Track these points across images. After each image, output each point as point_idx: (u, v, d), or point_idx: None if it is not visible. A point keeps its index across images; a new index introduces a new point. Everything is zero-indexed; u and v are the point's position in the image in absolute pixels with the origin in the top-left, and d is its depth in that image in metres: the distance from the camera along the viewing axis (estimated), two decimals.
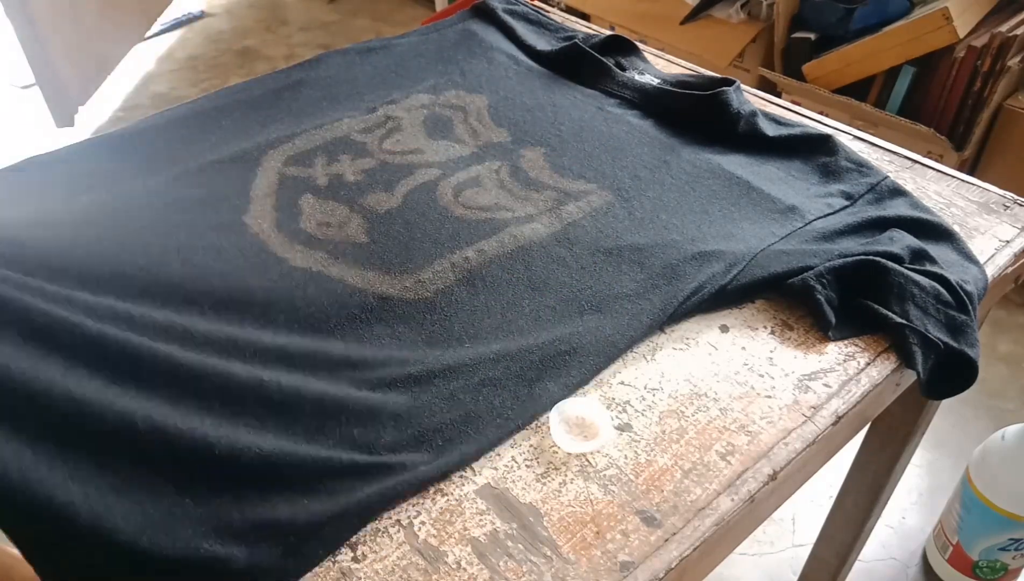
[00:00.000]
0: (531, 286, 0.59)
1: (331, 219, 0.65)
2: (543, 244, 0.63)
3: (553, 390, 0.52)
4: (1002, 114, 1.71)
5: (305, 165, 0.71)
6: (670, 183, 0.70)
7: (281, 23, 3.11)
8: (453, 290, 0.59)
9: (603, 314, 0.57)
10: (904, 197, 0.68)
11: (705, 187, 0.70)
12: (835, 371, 0.55)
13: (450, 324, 0.56)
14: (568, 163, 0.72)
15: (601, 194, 0.69)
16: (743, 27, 1.99)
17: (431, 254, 0.62)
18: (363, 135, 0.75)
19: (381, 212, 0.66)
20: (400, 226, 0.64)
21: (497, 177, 0.71)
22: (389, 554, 0.44)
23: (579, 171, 0.71)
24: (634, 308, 0.57)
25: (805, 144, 0.74)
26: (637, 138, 0.76)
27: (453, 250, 0.62)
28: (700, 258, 0.60)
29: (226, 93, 0.82)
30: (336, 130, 0.75)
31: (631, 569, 0.43)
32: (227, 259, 0.59)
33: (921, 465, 1.50)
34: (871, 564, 1.34)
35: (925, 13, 1.68)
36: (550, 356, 0.54)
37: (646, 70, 0.87)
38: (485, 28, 0.94)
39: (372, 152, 0.73)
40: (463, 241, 0.63)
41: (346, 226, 0.64)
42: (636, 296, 0.58)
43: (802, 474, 0.53)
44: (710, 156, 0.73)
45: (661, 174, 0.71)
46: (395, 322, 0.56)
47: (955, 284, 0.58)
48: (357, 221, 0.65)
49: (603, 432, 0.49)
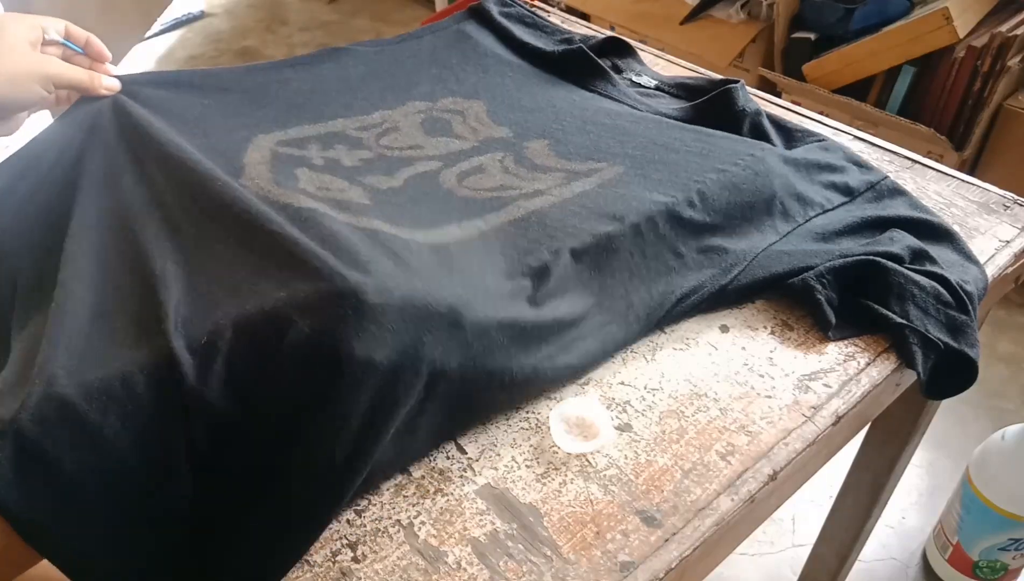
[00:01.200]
0: (548, 236, 0.58)
1: (331, 186, 0.62)
2: (557, 206, 0.62)
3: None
4: (1002, 114, 1.71)
5: (299, 148, 0.68)
6: (684, 151, 0.69)
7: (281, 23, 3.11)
8: (467, 242, 0.57)
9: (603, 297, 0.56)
10: (903, 197, 0.68)
11: (716, 157, 0.68)
12: (835, 371, 0.55)
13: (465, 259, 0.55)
14: (574, 150, 0.71)
15: (612, 169, 0.67)
16: (743, 27, 1.99)
17: (439, 220, 0.60)
18: (359, 132, 0.73)
19: (383, 189, 0.63)
20: (404, 199, 0.62)
21: (501, 165, 0.69)
22: (389, 554, 0.44)
23: (587, 154, 0.70)
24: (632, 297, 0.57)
25: (805, 144, 0.74)
26: (643, 125, 0.75)
27: (461, 221, 0.60)
28: (705, 251, 0.60)
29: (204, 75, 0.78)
30: (331, 127, 0.73)
31: (631, 569, 0.43)
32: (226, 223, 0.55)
33: (921, 465, 1.50)
34: (871, 564, 1.34)
35: (925, 13, 1.68)
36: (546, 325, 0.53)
37: (643, 72, 0.87)
38: (480, 31, 0.93)
39: (369, 146, 0.71)
40: (472, 213, 0.61)
41: (347, 192, 0.62)
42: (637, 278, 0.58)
43: (802, 474, 0.53)
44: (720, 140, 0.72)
45: (674, 146, 0.70)
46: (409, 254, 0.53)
47: (955, 284, 0.58)
48: (358, 190, 0.62)
49: (603, 432, 0.49)
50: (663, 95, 0.84)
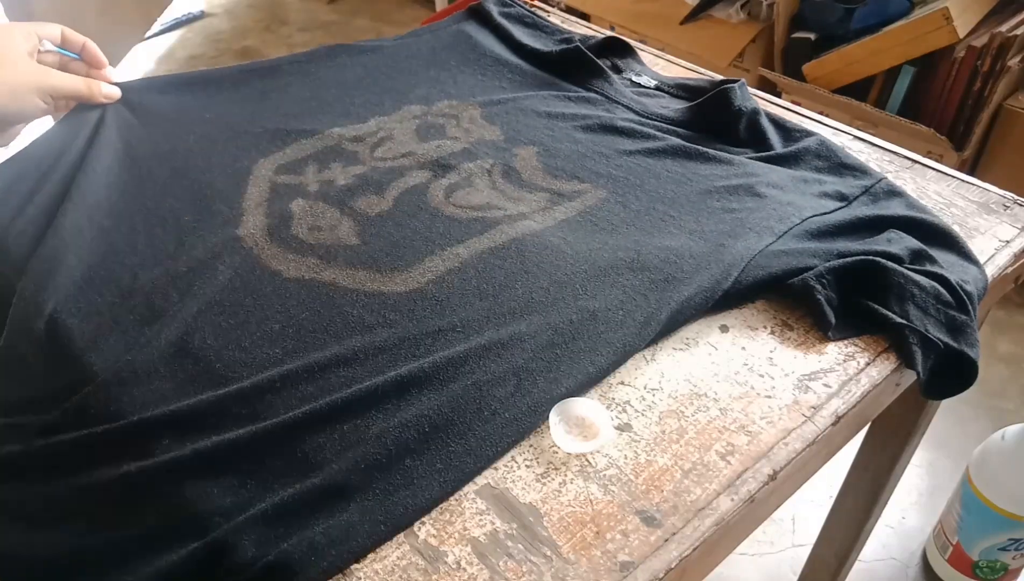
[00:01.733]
0: (524, 270, 0.60)
1: (322, 222, 0.65)
2: (536, 235, 0.63)
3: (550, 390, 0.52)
4: (1002, 114, 1.71)
5: (296, 173, 0.71)
6: (666, 176, 0.70)
7: (281, 23, 3.11)
8: (444, 278, 0.59)
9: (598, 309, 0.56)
10: (900, 198, 0.67)
11: (703, 178, 0.70)
12: (835, 371, 0.55)
13: (441, 308, 0.57)
14: (561, 164, 0.72)
15: (595, 193, 0.69)
16: (743, 27, 2.00)
17: (422, 252, 0.62)
18: (354, 144, 0.75)
19: (372, 214, 0.66)
20: (391, 227, 0.65)
21: (489, 178, 0.70)
22: (389, 554, 0.44)
23: (572, 171, 0.71)
24: (629, 305, 0.57)
25: (801, 146, 0.73)
26: (633, 134, 0.76)
27: (444, 247, 0.62)
28: (698, 257, 0.60)
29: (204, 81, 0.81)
30: (327, 139, 0.75)
31: (631, 569, 0.43)
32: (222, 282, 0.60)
33: (921, 465, 1.50)
34: (871, 564, 1.34)
35: (925, 13, 1.68)
36: (542, 347, 0.53)
37: (643, 72, 0.87)
38: (480, 31, 0.93)
39: (363, 160, 0.73)
40: (454, 238, 0.63)
41: (337, 229, 0.65)
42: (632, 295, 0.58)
43: (802, 474, 0.53)
44: (708, 150, 0.73)
45: (658, 167, 0.71)
46: (386, 311, 0.57)
47: (955, 284, 0.58)
48: (348, 224, 0.65)
49: (603, 432, 0.49)
50: (663, 95, 0.84)
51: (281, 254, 0.62)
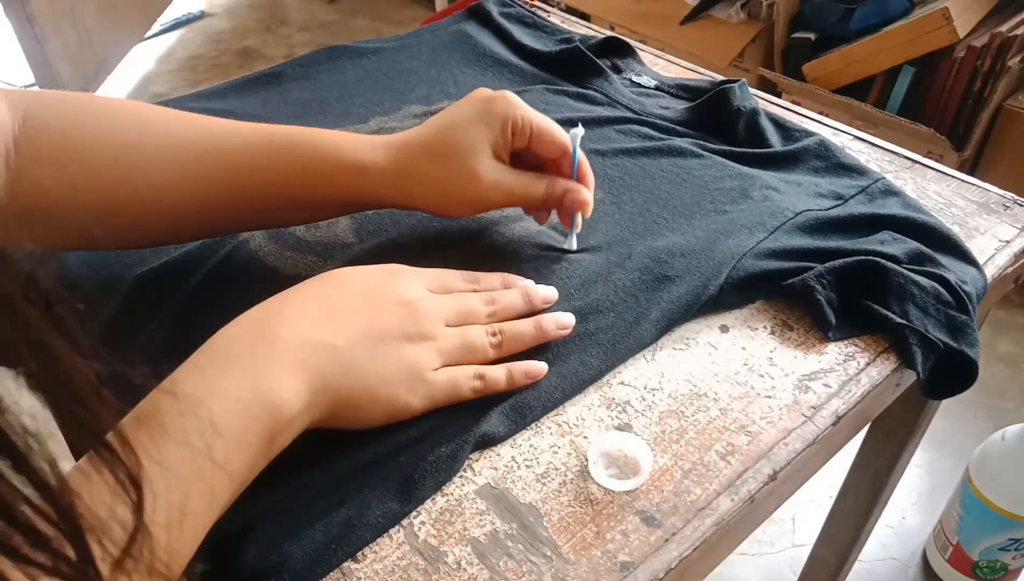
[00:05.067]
0: (519, 271, 0.59)
1: (320, 223, 0.65)
2: (531, 236, 0.64)
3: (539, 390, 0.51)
4: (1002, 114, 1.71)
5: None
6: (662, 177, 0.70)
7: (281, 23, 3.12)
8: None
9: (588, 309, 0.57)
10: (897, 197, 0.67)
11: (699, 179, 0.70)
12: (835, 371, 0.55)
13: None
14: None
15: None
16: (743, 27, 2.00)
17: (418, 250, 0.62)
18: None
19: (369, 213, 0.66)
20: (388, 226, 0.65)
21: None
22: (389, 554, 0.44)
23: None
24: (620, 306, 0.57)
25: (801, 145, 0.73)
26: (631, 135, 0.76)
27: (440, 247, 0.63)
28: (689, 256, 0.60)
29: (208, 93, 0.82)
30: None
31: (631, 569, 0.43)
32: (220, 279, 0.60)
33: (921, 465, 1.50)
34: (871, 564, 1.34)
35: (925, 13, 1.68)
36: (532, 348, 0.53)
37: (643, 72, 0.87)
38: (480, 31, 0.94)
39: None
40: (451, 239, 0.64)
41: (334, 227, 0.65)
42: (623, 296, 0.58)
43: (802, 474, 0.53)
44: (706, 151, 0.73)
45: (655, 168, 0.71)
46: None
47: (955, 284, 0.58)
48: (345, 222, 0.65)
49: (644, 466, 0.48)
50: (663, 95, 0.84)
51: (279, 252, 0.62)
